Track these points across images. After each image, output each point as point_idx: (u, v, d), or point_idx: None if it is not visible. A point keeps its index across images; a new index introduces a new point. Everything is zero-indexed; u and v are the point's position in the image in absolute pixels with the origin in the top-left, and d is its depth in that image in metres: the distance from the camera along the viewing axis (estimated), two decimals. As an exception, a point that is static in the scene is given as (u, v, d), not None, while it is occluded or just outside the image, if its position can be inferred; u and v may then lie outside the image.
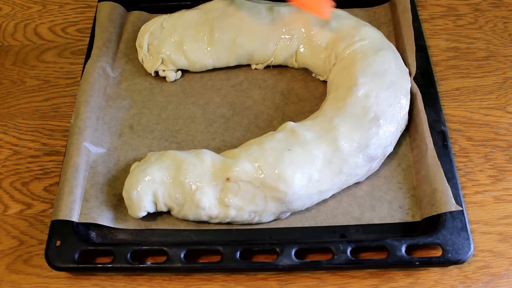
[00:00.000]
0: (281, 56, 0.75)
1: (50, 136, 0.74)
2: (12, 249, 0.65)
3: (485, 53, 0.79)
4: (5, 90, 0.79)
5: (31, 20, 0.87)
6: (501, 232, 0.63)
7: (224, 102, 0.75)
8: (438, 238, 0.59)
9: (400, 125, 0.66)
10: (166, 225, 0.64)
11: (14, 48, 0.84)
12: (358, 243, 0.59)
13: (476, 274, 0.61)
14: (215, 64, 0.77)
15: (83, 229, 0.62)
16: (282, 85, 0.76)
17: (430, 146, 0.65)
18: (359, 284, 0.60)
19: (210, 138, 0.71)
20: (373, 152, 0.64)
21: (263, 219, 0.63)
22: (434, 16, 0.84)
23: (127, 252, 0.60)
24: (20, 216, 0.67)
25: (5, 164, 0.71)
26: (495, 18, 0.83)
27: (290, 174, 0.61)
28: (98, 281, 0.62)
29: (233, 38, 0.74)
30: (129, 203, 0.62)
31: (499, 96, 0.74)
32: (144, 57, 0.76)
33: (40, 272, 0.63)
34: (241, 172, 0.61)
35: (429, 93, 0.69)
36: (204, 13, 0.76)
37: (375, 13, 0.83)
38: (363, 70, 0.67)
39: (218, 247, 0.60)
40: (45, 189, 0.69)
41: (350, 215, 0.64)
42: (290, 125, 0.65)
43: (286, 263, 0.58)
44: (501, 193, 0.66)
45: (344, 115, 0.64)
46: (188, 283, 0.61)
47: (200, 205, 0.61)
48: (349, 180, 0.64)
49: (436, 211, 0.61)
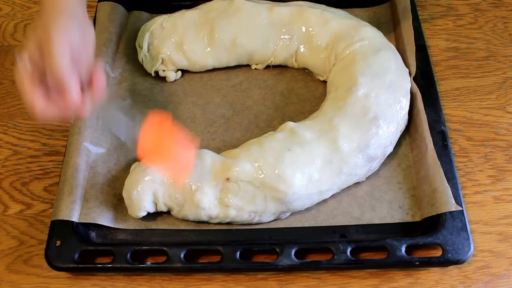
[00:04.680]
0: (281, 56, 0.75)
1: (50, 136, 0.74)
2: (12, 249, 0.65)
3: (485, 53, 0.79)
4: (5, 90, 0.79)
5: (31, 20, 0.87)
6: (501, 232, 0.63)
7: (224, 102, 0.75)
8: (438, 238, 0.59)
9: (400, 125, 0.67)
10: (166, 225, 0.64)
11: (14, 48, 0.84)
12: (358, 243, 0.59)
13: (476, 274, 0.61)
14: (215, 64, 0.77)
15: (83, 229, 0.62)
16: (282, 85, 0.76)
17: (430, 146, 0.65)
18: (359, 284, 0.60)
19: (210, 138, 0.71)
20: (373, 152, 0.64)
21: (263, 219, 0.63)
22: (434, 16, 0.84)
23: (127, 252, 0.60)
24: (20, 216, 0.67)
25: (5, 164, 0.71)
26: (495, 18, 0.83)
27: (290, 174, 0.61)
28: (98, 281, 0.62)
29: (233, 38, 0.74)
30: (129, 203, 0.62)
31: (499, 96, 0.74)
32: (144, 57, 0.76)
33: (40, 272, 0.63)
34: (241, 172, 0.61)
35: (429, 93, 0.69)
36: (204, 13, 0.76)
37: (375, 13, 0.83)
38: (363, 70, 0.67)
39: (218, 247, 0.60)
40: (45, 189, 0.69)
41: (350, 215, 0.64)
42: (290, 125, 0.65)
43: (286, 263, 0.58)
44: (501, 193, 0.66)
45: (344, 115, 0.65)
46: (188, 283, 0.61)
47: (200, 205, 0.61)
48: (349, 180, 0.64)
49: (436, 211, 0.61)
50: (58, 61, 0.53)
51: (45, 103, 0.54)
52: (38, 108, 0.54)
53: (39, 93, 0.54)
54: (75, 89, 0.54)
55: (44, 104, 0.54)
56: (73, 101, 0.54)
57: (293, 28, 0.74)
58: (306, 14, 0.74)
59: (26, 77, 0.54)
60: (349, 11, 0.78)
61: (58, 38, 0.54)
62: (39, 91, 0.54)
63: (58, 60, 0.53)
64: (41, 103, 0.54)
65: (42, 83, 0.54)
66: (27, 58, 0.54)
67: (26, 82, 0.54)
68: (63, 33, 0.54)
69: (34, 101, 0.54)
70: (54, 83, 0.54)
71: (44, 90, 0.54)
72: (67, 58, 0.54)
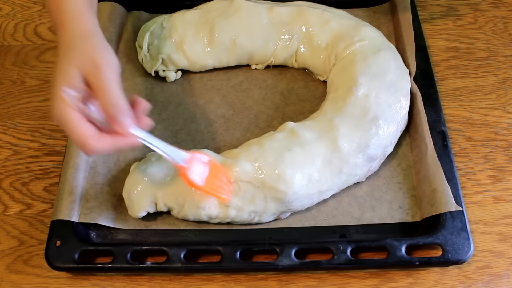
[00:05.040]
0: (281, 56, 0.75)
1: (50, 136, 0.74)
2: (12, 249, 0.65)
3: (485, 53, 0.79)
4: (5, 90, 0.79)
5: (31, 20, 0.87)
6: (501, 232, 0.63)
7: (224, 102, 0.75)
8: (438, 238, 0.59)
9: (400, 125, 0.66)
10: (166, 225, 0.64)
11: (14, 48, 0.84)
12: (358, 243, 0.59)
13: (476, 274, 0.61)
14: (215, 64, 0.77)
15: (83, 229, 0.62)
16: (282, 85, 0.76)
17: (430, 146, 0.65)
18: (359, 284, 0.60)
19: (210, 138, 0.71)
20: (373, 152, 0.64)
21: (263, 219, 0.63)
22: (434, 16, 0.84)
23: (127, 252, 0.60)
24: (20, 216, 0.67)
25: (5, 164, 0.71)
26: (495, 18, 0.83)
27: (290, 174, 0.61)
28: (98, 281, 0.62)
29: (233, 38, 0.74)
30: (129, 203, 0.62)
31: (499, 96, 0.74)
32: (144, 57, 0.76)
33: (40, 272, 0.63)
34: (241, 172, 0.61)
35: (429, 93, 0.69)
36: (204, 13, 0.76)
37: (375, 13, 0.83)
38: (363, 70, 0.67)
39: (218, 247, 0.60)
40: (45, 189, 0.69)
41: (350, 215, 0.64)
42: (290, 125, 0.65)
43: (286, 263, 0.58)
44: (501, 193, 0.66)
45: (344, 115, 0.64)
46: (188, 283, 0.61)
47: (200, 205, 0.61)
48: (349, 180, 0.64)
49: (436, 211, 0.61)
50: (114, 91, 0.51)
51: (98, 135, 0.51)
52: (92, 143, 0.51)
53: (90, 127, 0.51)
54: (130, 117, 0.52)
55: (98, 136, 0.51)
56: (128, 131, 0.52)
57: (293, 28, 0.74)
58: (306, 14, 0.74)
59: (74, 111, 0.50)
60: (349, 11, 0.78)
61: (106, 67, 0.51)
62: (90, 125, 0.51)
63: (114, 91, 0.51)
64: (95, 137, 0.51)
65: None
66: (72, 91, 0.51)
67: (75, 117, 0.51)
68: (109, 59, 0.52)
69: (87, 136, 0.51)
70: (109, 115, 0.51)
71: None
72: (119, 86, 0.51)
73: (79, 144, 0.52)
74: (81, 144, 0.51)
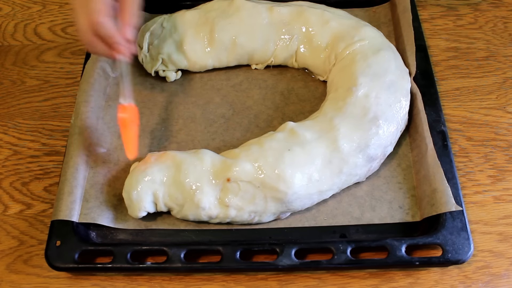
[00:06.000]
0: (281, 56, 0.75)
1: (50, 136, 0.74)
2: (12, 249, 0.65)
3: (485, 53, 0.79)
4: (5, 90, 0.79)
5: (31, 20, 0.87)
6: (501, 232, 0.63)
7: (224, 102, 0.75)
8: (438, 238, 0.59)
9: (400, 125, 0.67)
10: (166, 225, 0.64)
11: (14, 48, 0.84)
12: (358, 243, 0.59)
13: (476, 274, 0.61)
14: (215, 64, 0.77)
15: (83, 229, 0.62)
16: (282, 85, 0.76)
17: (430, 146, 0.65)
18: (359, 284, 0.60)
19: (210, 138, 0.71)
20: (373, 152, 0.64)
21: (263, 219, 0.63)
22: (434, 16, 0.84)
23: (127, 252, 0.60)
24: (20, 216, 0.67)
25: (5, 164, 0.71)
26: (495, 18, 0.83)
27: (290, 174, 0.61)
28: (98, 281, 0.62)
29: (233, 38, 0.74)
30: (129, 203, 0.62)
31: (499, 96, 0.74)
32: (144, 57, 0.76)
33: (40, 272, 0.63)
34: (241, 172, 0.61)
35: (429, 93, 0.69)
36: (204, 13, 0.76)
37: (375, 13, 0.83)
38: (363, 70, 0.67)
39: (218, 247, 0.60)
40: (45, 189, 0.69)
41: (350, 215, 0.64)
42: (290, 125, 0.65)
43: (286, 263, 0.58)
44: (501, 193, 0.66)
45: (344, 115, 0.65)
46: (188, 283, 0.61)
47: (200, 205, 0.61)
48: (349, 180, 0.64)
49: (436, 211, 0.61)
50: (136, 7, 0.61)
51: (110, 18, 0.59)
52: (102, 20, 0.58)
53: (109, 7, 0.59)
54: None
55: (109, 19, 0.59)
56: (131, 39, 0.61)
57: (293, 28, 0.74)
58: (306, 14, 0.74)
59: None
60: (349, 11, 0.78)
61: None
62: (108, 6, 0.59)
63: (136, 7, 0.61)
64: (107, 16, 0.59)
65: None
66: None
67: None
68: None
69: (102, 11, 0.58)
70: (125, 21, 0.61)
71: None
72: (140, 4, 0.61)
73: (89, 19, 0.58)
74: (90, 19, 0.58)
